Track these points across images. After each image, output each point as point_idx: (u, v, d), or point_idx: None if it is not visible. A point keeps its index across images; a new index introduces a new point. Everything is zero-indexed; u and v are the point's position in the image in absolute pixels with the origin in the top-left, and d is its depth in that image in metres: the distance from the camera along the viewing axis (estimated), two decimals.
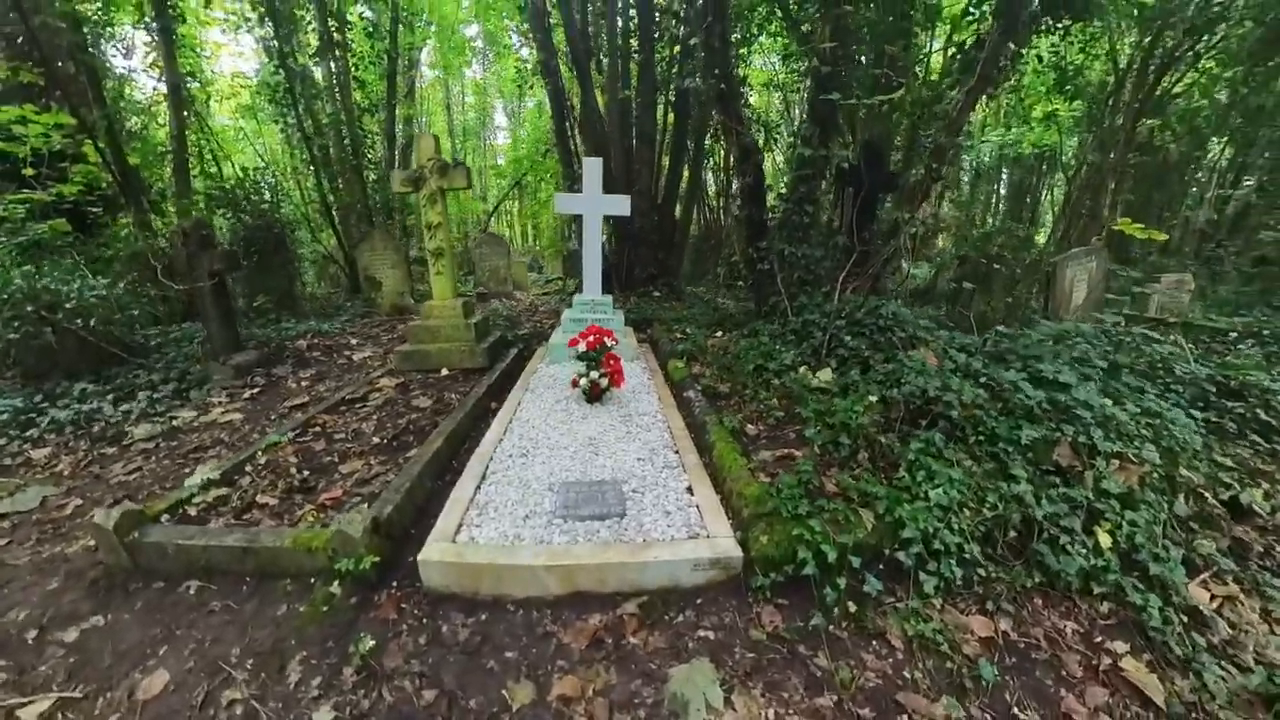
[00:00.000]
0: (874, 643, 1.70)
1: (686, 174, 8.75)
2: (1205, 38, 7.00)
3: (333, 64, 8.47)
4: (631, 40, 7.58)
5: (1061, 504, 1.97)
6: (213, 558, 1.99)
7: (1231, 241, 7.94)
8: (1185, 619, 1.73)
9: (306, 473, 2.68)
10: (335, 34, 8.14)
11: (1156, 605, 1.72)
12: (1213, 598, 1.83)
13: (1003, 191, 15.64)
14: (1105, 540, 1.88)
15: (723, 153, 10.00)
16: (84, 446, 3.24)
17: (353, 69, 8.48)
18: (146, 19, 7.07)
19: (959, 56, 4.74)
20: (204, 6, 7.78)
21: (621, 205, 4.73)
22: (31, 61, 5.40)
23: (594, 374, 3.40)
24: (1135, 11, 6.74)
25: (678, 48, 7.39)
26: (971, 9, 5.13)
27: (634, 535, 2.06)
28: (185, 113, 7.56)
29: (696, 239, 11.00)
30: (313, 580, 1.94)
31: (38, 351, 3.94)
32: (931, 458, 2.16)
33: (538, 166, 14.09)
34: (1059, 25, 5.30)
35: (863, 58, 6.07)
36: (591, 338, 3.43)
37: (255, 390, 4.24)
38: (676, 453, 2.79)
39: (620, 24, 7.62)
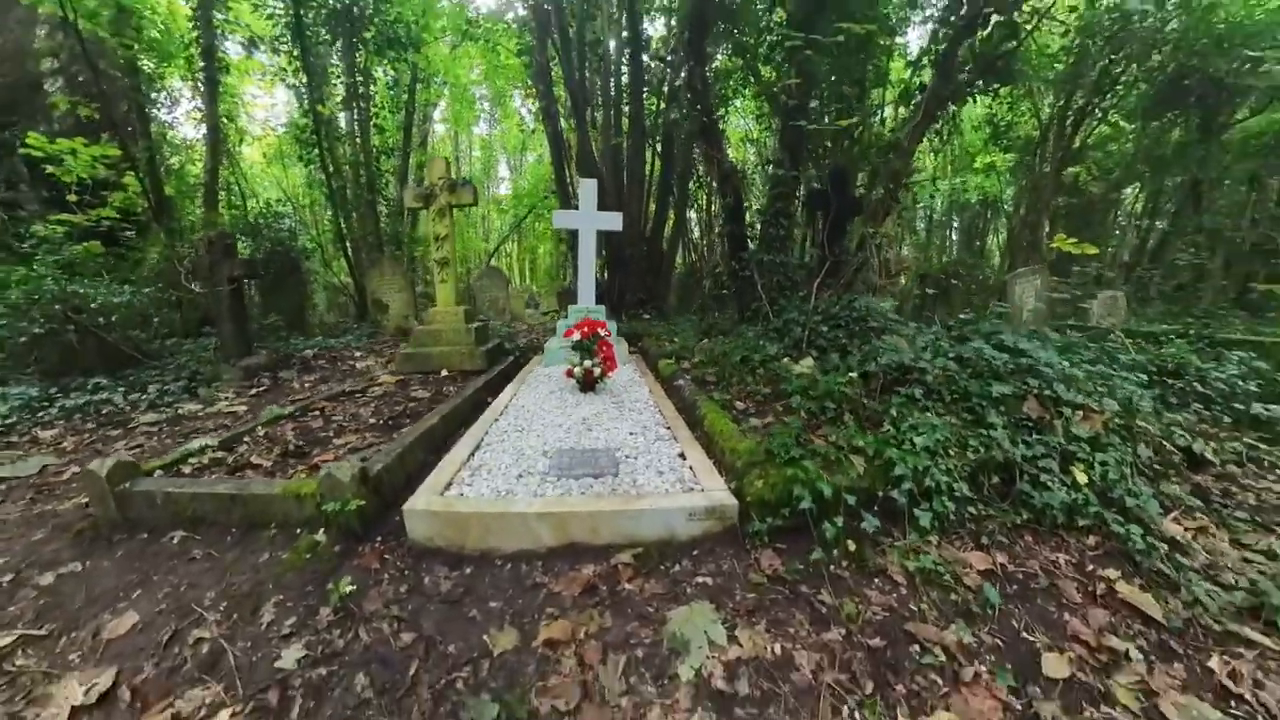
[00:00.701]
0: (876, 579, 1.58)
1: (672, 215, 9.04)
2: (1109, 96, 7.67)
3: (355, 111, 8.79)
4: (623, 93, 8.02)
5: (1038, 447, 1.91)
6: (200, 507, 1.81)
7: (1154, 268, 8.34)
8: (1166, 547, 1.64)
9: (303, 443, 2.51)
10: (360, 86, 8.51)
11: (1139, 534, 1.63)
12: (1186, 530, 1.75)
13: (954, 237, 16.47)
14: (1082, 477, 1.81)
15: (705, 196, 10.41)
16: (90, 428, 3.07)
17: (374, 116, 8.81)
18: (194, 71, 7.35)
19: (908, 97, 5.10)
20: (246, 56, 8.13)
21: (614, 221, 4.80)
22: (89, 97, 5.55)
23: (587, 362, 3.33)
24: (1050, 75, 7.39)
25: (662, 102, 7.84)
26: (915, 63, 5.59)
27: (628, 489, 1.94)
28: (218, 155, 7.73)
29: (682, 275, 11.20)
30: (299, 530, 1.77)
31: (59, 350, 3.83)
32: (914, 409, 2.10)
33: (538, 205, 14.62)
34: (990, 88, 5.78)
35: (826, 111, 6.50)
36: (586, 328, 3.38)
37: (261, 389, 4.06)
38: (668, 429, 2.69)
39: (613, 79, 8.09)
